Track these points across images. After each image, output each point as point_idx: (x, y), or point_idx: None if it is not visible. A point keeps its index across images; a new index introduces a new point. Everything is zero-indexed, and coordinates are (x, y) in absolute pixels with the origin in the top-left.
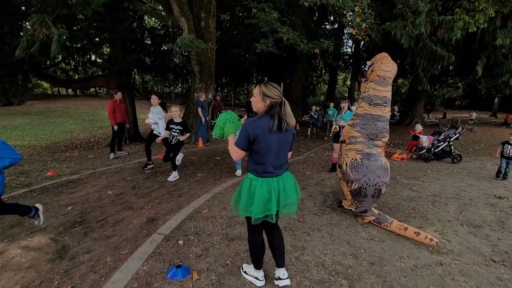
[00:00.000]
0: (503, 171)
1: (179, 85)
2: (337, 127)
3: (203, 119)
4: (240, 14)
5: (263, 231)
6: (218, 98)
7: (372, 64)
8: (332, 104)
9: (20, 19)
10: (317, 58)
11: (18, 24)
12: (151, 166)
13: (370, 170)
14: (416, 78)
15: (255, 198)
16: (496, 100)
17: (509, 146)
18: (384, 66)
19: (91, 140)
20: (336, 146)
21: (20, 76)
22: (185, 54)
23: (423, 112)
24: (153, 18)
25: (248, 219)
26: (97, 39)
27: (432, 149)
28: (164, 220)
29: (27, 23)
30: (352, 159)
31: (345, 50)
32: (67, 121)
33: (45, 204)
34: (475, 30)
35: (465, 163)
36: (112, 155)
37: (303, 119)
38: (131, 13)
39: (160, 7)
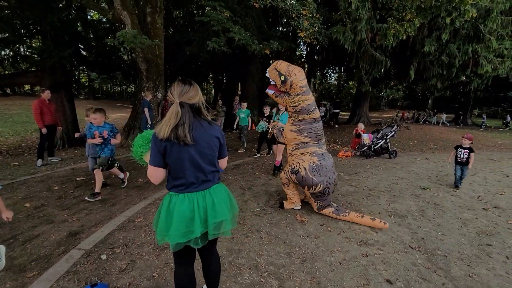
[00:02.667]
0: (459, 179)
1: (131, 84)
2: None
3: (149, 121)
4: (194, 11)
5: (194, 259)
6: (168, 98)
7: (286, 78)
8: (245, 105)
9: None
10: (272, 59)
11: None
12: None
13: (329, 169)
14: (360, 81)
15: (173, 218)
16: (430, 101)
17: (462, 150)
18: (300, 76)
19: (22, 145)
20: (276, 147)
21: None
22: (131, 50)
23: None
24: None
25: None
26: (24, 31)
27: (372, 146)
28: (89, 233)
29: None
30: (310, 162)
31: (301, 52)
32: None
33: None
34: (405, 37)
35: (400, 158)
36: (39, 162)
37: (259, 119)
38: (67, 3)
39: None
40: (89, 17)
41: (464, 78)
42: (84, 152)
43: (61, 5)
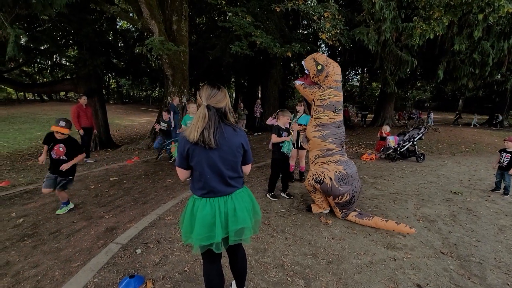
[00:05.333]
0: (498, 185)
1: (156, 89)
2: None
3: (172, 124)
4: (216, 18)
5: (221, 255)
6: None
7: (323, 68)
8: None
9: None
10: (293, 62)
11: None
12: None
13: (354, 178)
14: (384, 82)
15: (196, 222)
16: (460, 102)
17: (504, 154)
18: (337, 70)
19: None
20: (293, 152)
21: None
22: (158, 57)
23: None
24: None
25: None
26: (63, 41)
27: (398, 149)
28: (124, 229)
29: None
30: (336, 172)
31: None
32: (33, 127)
33: None
34: (432, 37)
35: (428, 161)
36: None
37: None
38: (99, 15)
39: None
40: (118, 26)
41: (499, 76)
42: (116, 154)
43: (93, 16)
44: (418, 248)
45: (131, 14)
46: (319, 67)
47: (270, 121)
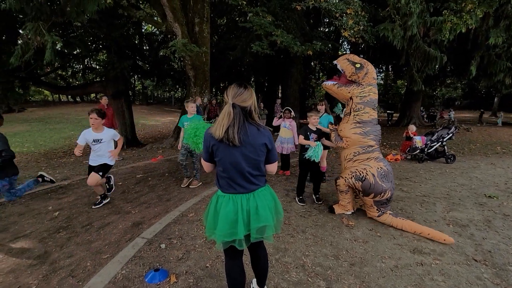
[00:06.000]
0: None
1: (179, 90)
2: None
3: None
4: (237, 18)
5: (243, 252)
6: (213, 101)
7: (362, 66)
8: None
9: (17, 27)
10: (313, 61)
11: (15, 33)
12: None
13: (392, 175)
14: (411, 79)
15: (219, 219)
16: (495, 99)
17: None
18: (373, 69)
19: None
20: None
21: (17, 83)
22: (180, 59)
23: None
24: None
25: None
26: (93, 46)
27: (426, 150)
28: (150, 224)
29: (21, 31)
30: (378, 168)
31: (344, 52)
32: (66, 127)
33: (32, 210)
34: (464, 30)
35: (459, 163)
36: None
37: (301, 121)
38: (126, 20)
39: (156, 13)
40: (143, 30)
41: None
42: (141, 152)
43: (120, 21)
44: (447, 254)
45: (155, 18)
46: (358, 65)
47: (276, 121)
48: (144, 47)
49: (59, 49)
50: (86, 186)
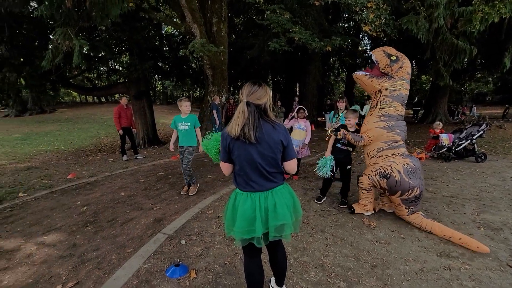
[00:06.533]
0: None
1: (197, 89)
2: (333, 130)
3: (217, 122)
4: (254, 17)
5: (261, 250)
6: (231, 100)
7: (397, 59)
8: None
9: (47, 33)
10: (332, 57)
11: (46, 38)
12: None
13: (421, 171)
14: (437, 74)
15: (237, 216)
16: None
17: None
18: (409, 63)
19: (114, 144)
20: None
21: (48, 86)
22: (199, 58)
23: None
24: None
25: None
26: (117, 49)
27: (453, 148)
28: (170, 220)
29: (51, 36)
30: (404, 165)
31: (364, 47)
32: (93, 126)
33: (62, 205)
34: (497, 20)
35: (490, 162)
36: (124, 157)
37: (318, 119)
38: (147, 22)
39: (175, 14)
40: (163, 31)
41: None
42: (162, 150)
43: (142, 24)
44: (478, 259)
45: (174, 19)
46: (393, 58)
47: (288, 122)
48: (164, 48)
49: (86, 52)
50: (111, 183)
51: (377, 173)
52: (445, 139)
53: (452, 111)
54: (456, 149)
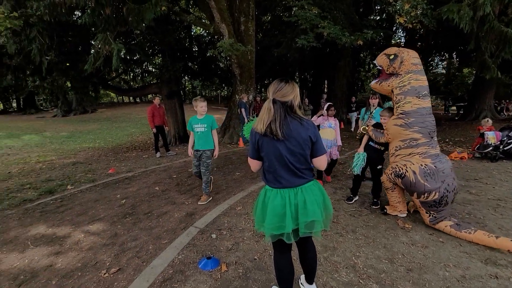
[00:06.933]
0: None
1: (225, 88)
2: (366, 128)
3: (246, 119)
4: (281, 14)
5: (291, 246)
6: (258, 98)
7: (395, 56)
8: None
9: (90, 39)
10: (363, 52)
11: (88, 44)
12: None
13: (447, 174)
14: (482, 66)
15: (267, 212)
16: None
17: None
18: (412, 54)
19: (147, 142)
20: None
21: (90, 88)
22: (227, 58)
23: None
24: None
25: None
26: (150, 51)
27: (501, 147)
28: (201, 215)
29: (93, 42)
30: (421, 165)
31: (397, 40)
32: (129, 125)
33: (104, 197)
34: None
35: None
36: (158, 154)
37: (347, 117)
38: (178, 24)
39: (204, 16)
40: (192, 33)
41: None
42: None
43: (172, 27)
44: None
45: (203, 21)
46: (391, 57)
47: (316, 119)
48: (193, 49)
49: (123, 56)
50: (146, 178)
51: (393, 172)
52: (491, 137)
53: (494, 106)
54: (505, 148)
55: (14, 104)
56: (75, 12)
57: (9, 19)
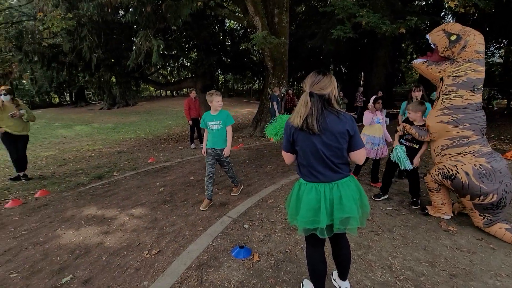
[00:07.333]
0: None
1: (256, 82)
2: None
3: (277, 113)
4: (316, 4)
5: (324, 241)
6: (290, 92)
7: (458, 37)
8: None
9: (132, 36)
10: (405, 41)
11: (131, 41)
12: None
13: (504, 174)
14: None
15: (301, 205)
16: None
17: None
18: (479, 39)
19: (183, 134)
20: None
21: (132, 82)
22: (259, 51)
23: None
24: (232, 21)
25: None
26: (186, 46)
27: None
28: (234, 206)
29: (134, 39)
30: (475, 166)
31: None
32: (166, 118)
33: (145, 184)
34: None
35: None
36: (192, 145)
37: (387, 111)
38: (213, 19)
39: (238, 9)
40: (225, 27)
41: None
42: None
43: (207, 21)
44: None
45: (237, 14)
46: (453, 37)
47: (368, 117)
48: (226, 43)
49: (161, 51)
50: (182, 168)
51: (440, 173)
52: None
53: None
54: None
55: (68, 98)
56: (119, 12)
57: (65, 20)
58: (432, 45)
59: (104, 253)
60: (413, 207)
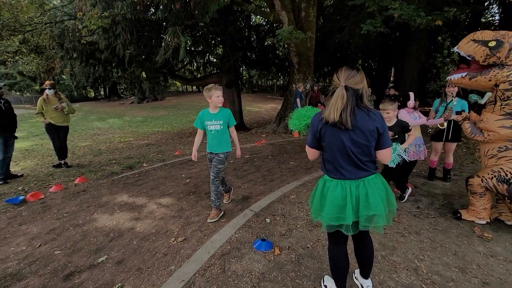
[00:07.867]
0: None
1: (281, 77)
2: (445, 124)
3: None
4: None
5: (347, 239)
6: (315, 88)
7: (499, 42)
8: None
9: (161, 33)
10: (442, 34)
11: (160, 37)
12: None
13: None
14: None
15: (326, 202)
16: None
17: None
18: None
19: None
20: (438, 146)
21: (161, 78)
22: (285, 46)
23: None
24: (258, 16)
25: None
26: (213, 42)
27: None
28: (256, 200)
29: (163, 36)
30: None
31: (488, 18)
32: (191, 112)
33: (172, 175)
34: None
35: None
36: None
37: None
38: (239, 14)
39: (264, 4)
40: (251, 22)
41: None
42: (248, 135)
43: (233, 17)
44: None
45: (263, 9)
46: (492, 44)
47: (407, 114)
48: (252, 38)
49: (188, 47)
50: (206, 161)
51: (495, 176)
52: None
53: None
54: None
55: (102, 92)
56: (150, 10)
57: (101, 19)
58: (467, 57)
59: (135, 238)
60: (395, 190)
